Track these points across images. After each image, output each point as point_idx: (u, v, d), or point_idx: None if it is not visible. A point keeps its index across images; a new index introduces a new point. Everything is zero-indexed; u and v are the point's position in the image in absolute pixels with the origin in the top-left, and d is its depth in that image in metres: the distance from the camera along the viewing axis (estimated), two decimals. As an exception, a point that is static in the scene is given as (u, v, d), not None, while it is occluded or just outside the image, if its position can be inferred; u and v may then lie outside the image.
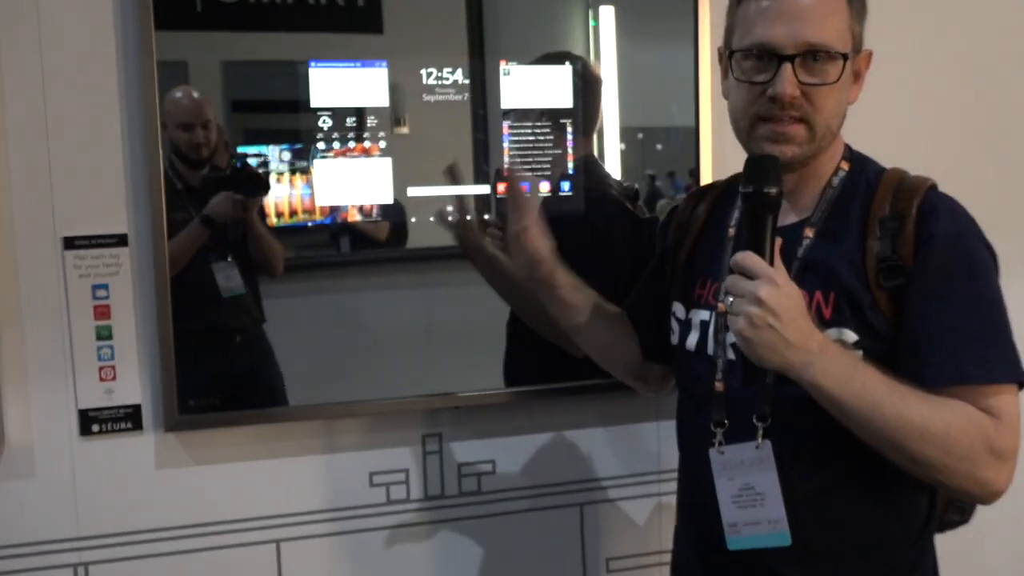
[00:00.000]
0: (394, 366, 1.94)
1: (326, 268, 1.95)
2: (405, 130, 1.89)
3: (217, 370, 1.88)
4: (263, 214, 1.84)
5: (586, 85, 2.00)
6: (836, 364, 1.23)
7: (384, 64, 1.86)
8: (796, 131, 1.34)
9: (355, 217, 1.89)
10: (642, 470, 2.07)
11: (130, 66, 1.75)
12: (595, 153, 2.04)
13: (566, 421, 2.05)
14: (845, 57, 1.33)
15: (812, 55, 1.31)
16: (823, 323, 1.32)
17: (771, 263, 1.25)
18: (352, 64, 1.85)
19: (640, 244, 1.99)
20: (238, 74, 1.81)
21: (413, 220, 1.92)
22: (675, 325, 1.51)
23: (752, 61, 1.35)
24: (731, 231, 1.45)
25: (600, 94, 2.03)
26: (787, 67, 1.31)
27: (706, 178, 2.02)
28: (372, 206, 1.90)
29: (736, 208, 1.47)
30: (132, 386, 1.81)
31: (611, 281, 1.83)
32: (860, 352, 1.30)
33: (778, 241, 1.26)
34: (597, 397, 1.99)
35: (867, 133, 1.51)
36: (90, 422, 1.80)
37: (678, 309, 1.51)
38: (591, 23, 2.02)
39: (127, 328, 1.80)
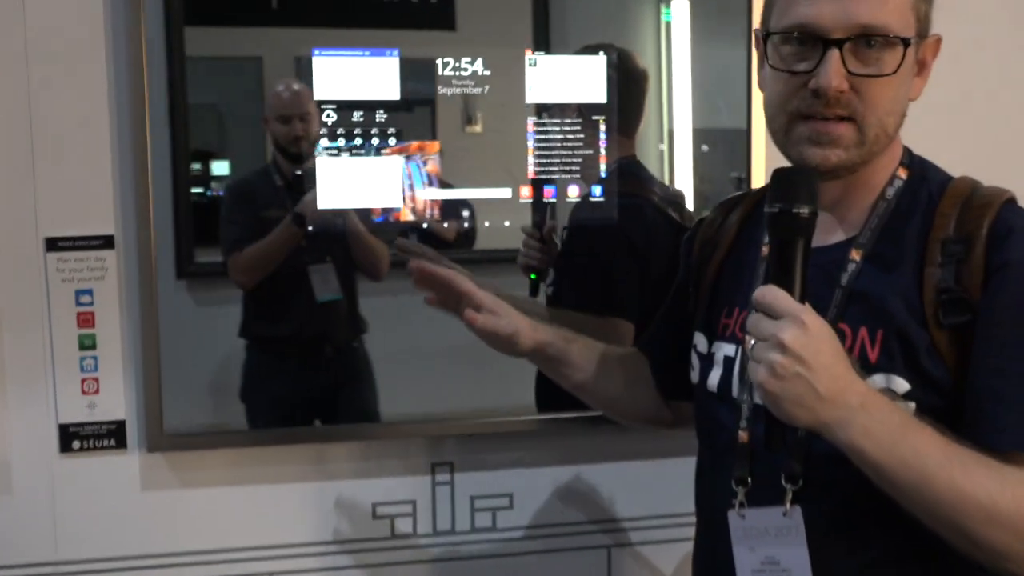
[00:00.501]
0: (403, 385, 1.77)
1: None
2: (478, 128, 1.75)
3: (302, 384, 1.80)
4: (366, 213, 1.71)
5: (627, 79, 1.79)
6: (881, 423, 1.00)
7: (396, 53, 1.68)
8: (843, 132, 1.10)
9: (407, 217, 1.74)
10: (678, 511, 1.84)
11: (119, 57, 1.62)
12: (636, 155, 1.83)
13: (594, 453, 1.84)
14: (906, 43, 1.09)
15: (866, 40, 1.08)
16: (868, 368, 1.09)
17: (801, 299, 1.02)
18: (360, 52, 1.68)
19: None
20: (310, 70, 1.69)
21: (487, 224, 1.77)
22: (696, 360, 1.29)
23: (792, 46, 1.11)
24: (765, 250, 1.22)
25: (644, 90, 1.81)
26: (834, 54, 1.07)
27: (758, 183, 1.79)
28: (429, 204, 1.74)
29: None
30: (116, 400, 1.68)
31: (647, 302, 1.63)
32: (912, 405, 1.07)
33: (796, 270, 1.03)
34: (625, 429, 1.76)
35: (931, 135, 1.26)
36: (71, 438, 1.67)
37: (700, 341, 1.29)
38: (664, 18, 1.83)
39: (112, 337, 1.67)
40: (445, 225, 1.76)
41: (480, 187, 1.75)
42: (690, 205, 1.85)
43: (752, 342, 1.02)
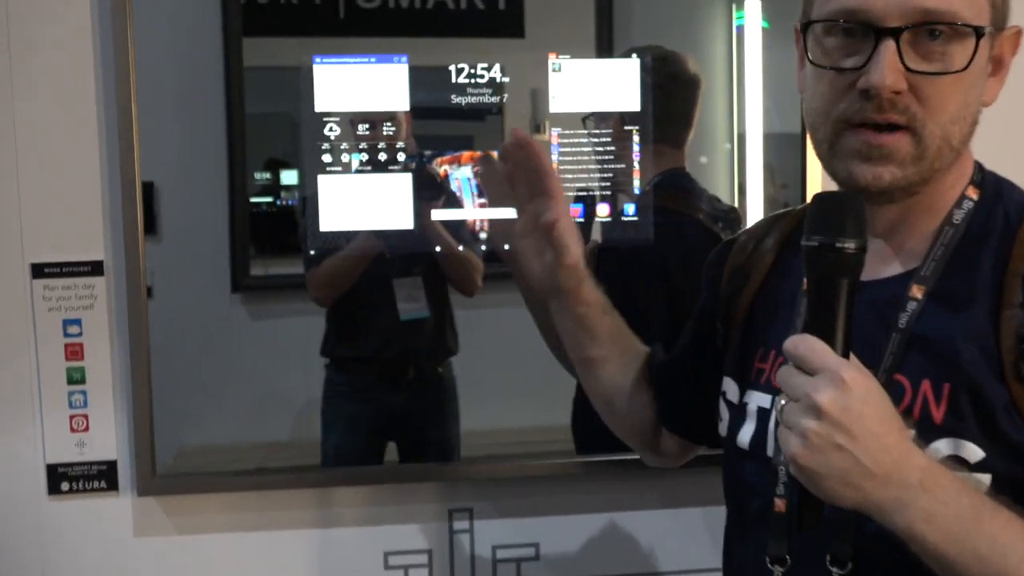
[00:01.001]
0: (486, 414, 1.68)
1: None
2: (546, 137, 1.59)
3: (378, 406, 1.70)
4: (457, 224, 1.59)
5: (674, 83, 1.61)
6: (947, 505, 0.81)
7: (405, 59, 1.53)
8: (898, 144, 0.90)
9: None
10: (716, 564, 1.65)
11: (107, 72, 1.50)
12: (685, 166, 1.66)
13: (629, 499, 1.66)
14: (980, 33, 0.89)
15: (929, 30, 0.88)
16: (932, 429, 0.89)
17: (844, 351, 0.83)
18: (365, 59, 1.53)
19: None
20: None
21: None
22: (725, 410, 1.10)
23: (837, 38, 0.92)
24: (807, 282, 1.02)
25: (695, 97, 1.64)
26: (889, 46, 0.87)
27: (814, 190, 1.60)
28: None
29: None
30: (107, 439, 1.56)
31: (679, 332, 1.44)
32: (986, 478, 0.87)
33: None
34: (663, 473, 1.58)
35: (1006, 145, 1.05)
36: (59, 479, 1.55)
37: (730, 388, 1.10)
38: (736, 21, 1.68)
39: (102, 371, 1.55)
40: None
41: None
42: (761, 215, 1.68)
43: (783, 402, 0.83)
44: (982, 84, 0.94)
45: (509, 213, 1.17)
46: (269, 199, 1.61)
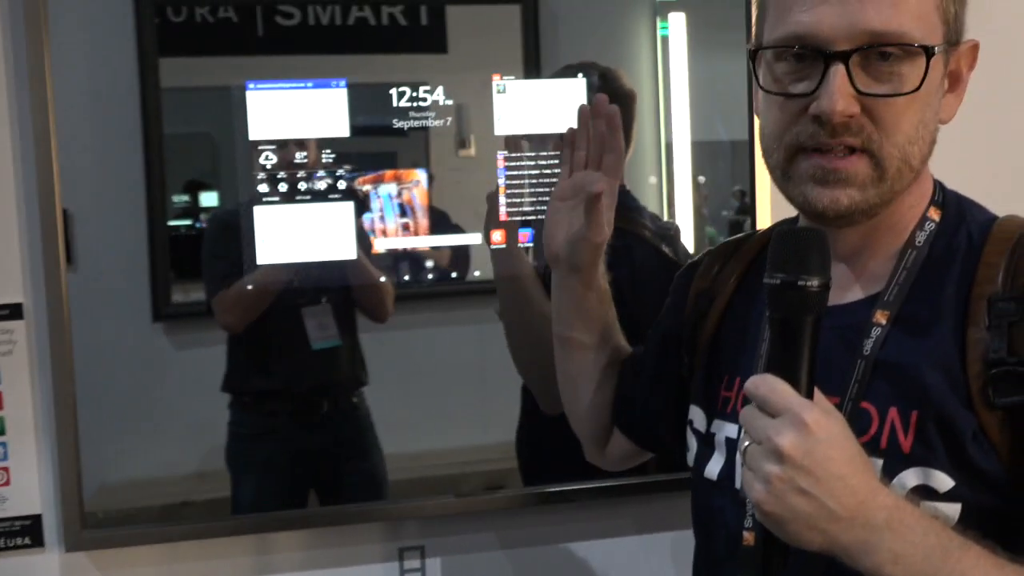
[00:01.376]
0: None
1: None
2: (472, 152, 1.56)
3: (294, 447, 1.61)
4: (366, 243, 1.52)
5: (614, 102, 1.57)
6: (914, 545, 0.78)
7: (343, 83, 1.47)
8: (855, 167, 0.88)
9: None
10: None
11: (22, 97, 1.40)
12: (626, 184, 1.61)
13: (587, 529, 1.61)
14: (930, 52, 0.87)
15: (879, 52, 0.86)
16: (900, 459, 0.87)
17: (808, 390, 0.80)
18: (302, 84, 1.46)
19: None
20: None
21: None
22: (692, 439, 1.07)
23: (787, 63, 0.90)
24: (769, 320, 0.99)
25: (633, 113, 1.60)
26: (838, 70, 0.85)
27: (763, 199, 1.60)
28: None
29: None
30: (30, 492, 1.46)
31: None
32: (956, 507, 0.85)
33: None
34: (628, 499, 1.56)
35: (967, 164, 1.04)
36: (-21, 537, 1.44)
37: (696, 416, 1.07)
38: (660, 32, 1.67)
39: (23, 420, 1.45)
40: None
41: (446, 232, 1.54)
42: (689, 228, 1.68)
43: (746, 443, 0.80)
44: (938, 102, 0.92)
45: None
46: (188, 222, 1.54)
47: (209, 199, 1.56)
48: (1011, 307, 0.85)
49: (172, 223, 1.53)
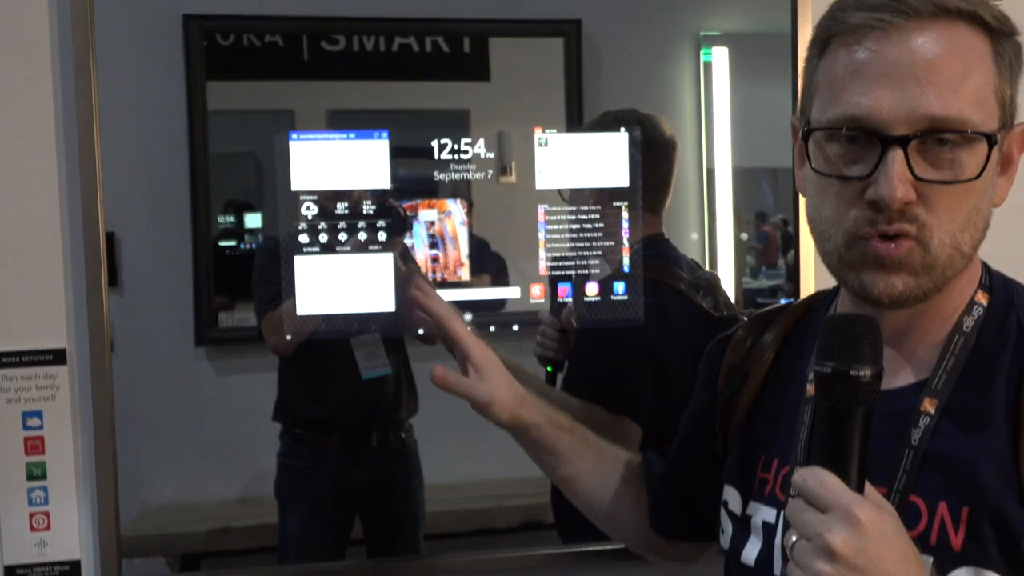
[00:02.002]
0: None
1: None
2: (512, 179, 1.56)
3: (343, 486, 1.60)
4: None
5: (653, 149, 1.56)
6: None
7: (385, 135, 1.47)
8: (906, 252, 0.86)
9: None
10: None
11: (70, 135, 1.42)
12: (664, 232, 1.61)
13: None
14: (992, 140, 0.84)
15: (937, 138, 0.84)
16: (951, 557, 0.84)
17: (858, 484, 0.77)
18: (343, 135, 1.46)
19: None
20: (341, 122, 1.58)
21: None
22: (727, 522, 1.04)
23: (841, 144, 0.87)
24: (810, 388, 0.95)
25: (674, 160, 1.59)
26: (897, 155, 0.83)
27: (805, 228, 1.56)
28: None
29: None
30: (70, 538, 1.47)
31: (663, 405, 1.41)
32: None
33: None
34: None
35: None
36: (18, 582, 1.45)
37: (731, 497, 1.04)
38: (703, 59, 1.68)
39: (65, 466, 1.46)
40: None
41: (485, 286, 1.53)
42: (730, 265, 1.66)
43: (793, 538, 0.77)
44: (992, 187, 0.89)
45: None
46: (232, 243, 1.57)
47: (253, 220, 1.57)
48: None
49: (219, 242, 1.56)
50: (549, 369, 1.58)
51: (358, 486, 1.62)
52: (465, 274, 1.54)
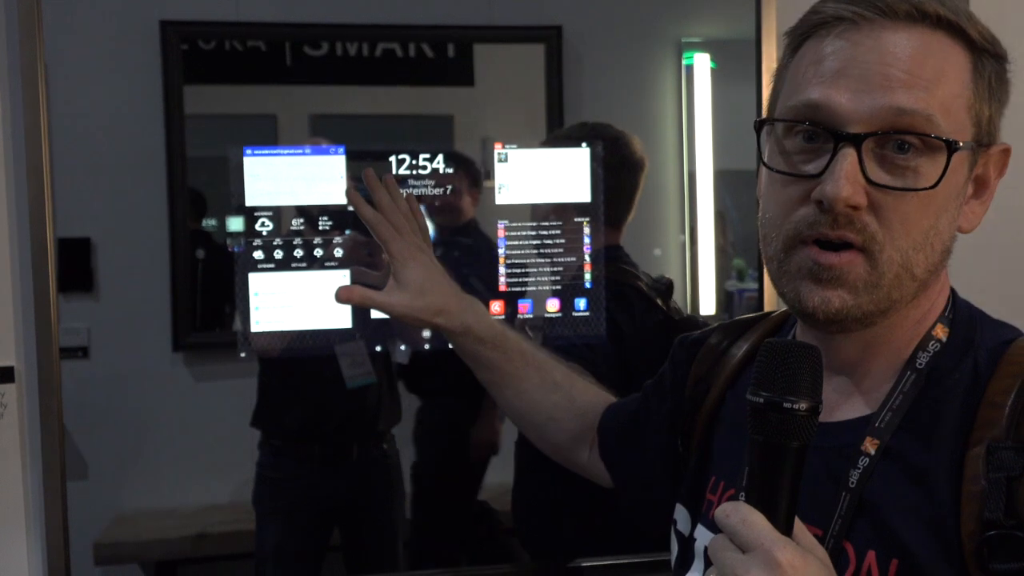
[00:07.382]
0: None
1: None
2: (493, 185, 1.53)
3: (322, 497, 1.58)
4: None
5: (621, 167, 1.54)
6: None
7: (341, 151, 1.44)
8: (848, 264, 0.79)
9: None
10: None
11: (18, 147, 1.38)
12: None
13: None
14: (952, 147, 0.77)
15: (898, 142, 0.77)
16: None
17: (786, 524, 0.71)
18: (298, 152, 1.43)
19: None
20: (324, 127, 1.59)
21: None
22: (675, 541, 1.00)
23: (798, 140, 0.80)
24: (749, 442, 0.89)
25: (639, 180, 1.56)
26: (849, 153, 0.76)
27: None
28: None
29: None
30: (18, 566, 1.43)
31: (626, 392, 1.37)
32: None
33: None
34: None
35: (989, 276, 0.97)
36: (-38, 614, 1.42)
37: (680, 516, 0.99)
38: (684, 63, 1.68)
39: (13, 488, 1.42)
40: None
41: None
42: (712, 262, 1.66)
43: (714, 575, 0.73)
44: (956, 207, 0.81)
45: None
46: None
47: (235, 224, 1.53)
48: (1012, 457, 0.75)
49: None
50: None
51: (338, 498, 1.60)
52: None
